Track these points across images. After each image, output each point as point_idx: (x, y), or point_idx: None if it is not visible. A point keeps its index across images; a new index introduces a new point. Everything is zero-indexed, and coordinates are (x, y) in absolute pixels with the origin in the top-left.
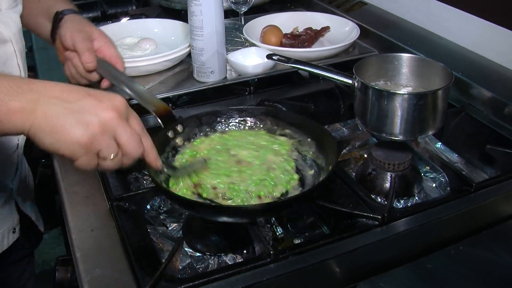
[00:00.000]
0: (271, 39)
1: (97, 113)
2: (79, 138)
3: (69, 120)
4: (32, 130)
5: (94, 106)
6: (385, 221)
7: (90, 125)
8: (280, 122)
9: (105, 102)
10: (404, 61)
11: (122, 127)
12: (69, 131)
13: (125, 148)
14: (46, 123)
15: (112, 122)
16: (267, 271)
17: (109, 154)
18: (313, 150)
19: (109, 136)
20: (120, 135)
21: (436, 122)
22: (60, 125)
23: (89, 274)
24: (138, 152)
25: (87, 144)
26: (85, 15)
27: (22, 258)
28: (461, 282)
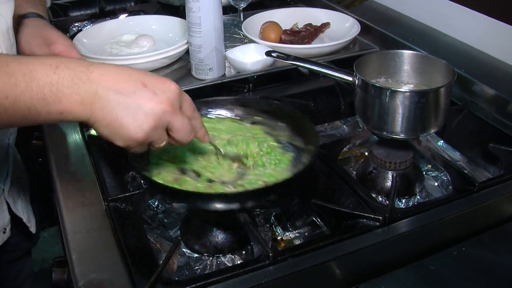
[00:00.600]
0: (270, 35)
1: (152, 108)
2: (134, 135)
3: (125, 117)
4: (91, 121)
5: (149, 100)
6: (386, 222)
7: (145, 122)
8: (250, 110)
9: (160, 95)
10: (406, 58)
11: (174, 119)
12: (125, 127)
13: (176, 136)
14: (104, 117)
15: (166, 115)
16: (266, 274)
17: (160, 143)
18: (287, 133)
19: (161, 129)
20: (172, 126)
21: (438, 120)
22: (116, 121)
23: (84, 277)
24: (187, 139)
25: (142, 139)
26: (83, 12)
27: (18, 258)
28: (464, 284)
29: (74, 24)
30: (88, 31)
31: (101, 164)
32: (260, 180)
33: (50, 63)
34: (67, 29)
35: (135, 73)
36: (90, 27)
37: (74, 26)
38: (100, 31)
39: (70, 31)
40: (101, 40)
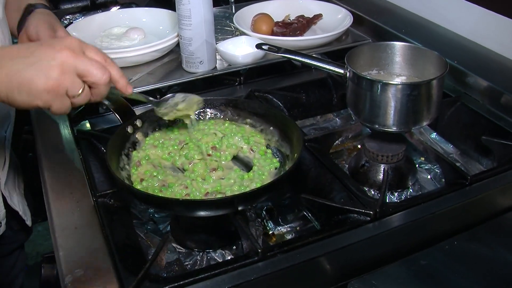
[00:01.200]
0: (262, 27)
1: (52, 56)
2: (45, 85)
3: (30, 72)
4: (4, 93)
5: (49, 52)
6: (377, 217)
7: (50, 70)
8: (241, 112)
9: (57, 45)
10: (398, 49)
11: (79, 60)
12: (34, 81)
13: (89, 77)
14: (12, 82)
15: (68, 59)
16: (254, 270)
17: (76, 90)
18: (276, 139)
19: (70, 74)
20: (79, 68)
21: (431, 112)
22: (24, 79)
23: (71, 274)
24: (103, 77)
25: (54, 87)
26: (74, 5)
27: (12, 251)
28: (456, 278)
29: (65, 16)
30: (78, 24)
31: (90, 159)
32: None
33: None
34: None
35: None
36: (80, 20)
37: (65, 19)
38: (90, 24)
39: (62, 24)
40: (91, 33)
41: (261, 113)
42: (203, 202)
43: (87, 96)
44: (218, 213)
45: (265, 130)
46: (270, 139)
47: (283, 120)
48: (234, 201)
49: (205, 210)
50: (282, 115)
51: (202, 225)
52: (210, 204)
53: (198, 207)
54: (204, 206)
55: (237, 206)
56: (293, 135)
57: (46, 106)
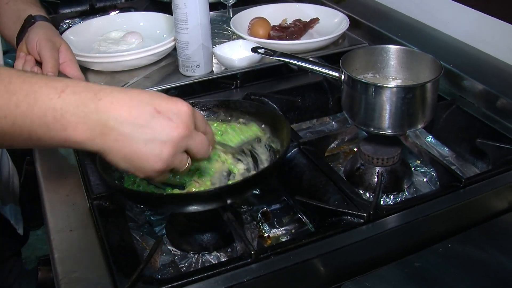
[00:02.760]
0: (258, 31)
1: (168, 135)
2: (154, 166)
3: (142, 148)
4: (104, 153)
5: (165, 128)
6: (370, 219)
7: (164, 152)
8: (234, 112)
9: (175, 120)
10: (393, 53)
11: (192, 141)
12: (144, 159)
13: (197, 155)
14: (119, 150)
15: (183, 140)
16: (248, 272)
17: (182, 167)
18: (268, 135)
19: (181, 153)
20: (190, 147)
21: (426, 115)
22: (133, 153)
23: (66, 276)
24: (207, 155)
25: (162, 169)
26: (73, 9)
27: (7, 258)
28: (450, 280)
29: (64, 21)
30: (75, 29)
31: (86, 162)
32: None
33: (55, 85)
34: (57, 26)
35: (146, 98)
36: (78, 24)
37: (64, 23)
38: (87, 28)
39: (60, 28)
40: (88, 37)
41: (252, 111)
42: (189, 195)
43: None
44: (206, 207)
45: (257, 128)
46: (263, 136)
47: (273, 116)
48: (222, 194)
49: (193, 204)
50: (272, 111)
51: (198, 227)
52: (197, 197)
53: (185, 201)
54: (191, 199)
55: (226, 199)
56: (282, 129)
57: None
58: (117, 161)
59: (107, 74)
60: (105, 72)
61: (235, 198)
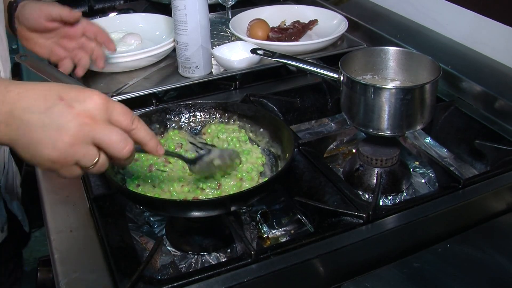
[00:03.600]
0: (257, 33)
1: (66, 122)
2: (49, 155)
3: (40, 135)
4: (11, 143)
5: (63, 115)
6: (370, 219)
7: (58, 140)
8: (231, 114)
9: (76, 106)
10: (391, 54)
11: (97, 131)
12: (41, 147)
13: (109, 150)
14: (19, 139)
15: (84, 129)
16: (248, 272)
17: (88, 162)
18: (267, 140)
19: (83, 145)
20: (98, 139)
21: (424, 116)
22: (32, 141)
23: (66, 277)
24: (124, 151)
25: (59, 159)
26: None
27: (9, 259)
28: (449, 281)
29: None
30: None
31: None
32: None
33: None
34: None
35: (55, 88)
36: None
37: None
38: None
39: None
40: None
41: (250, 115)
42: (195, 202)
43: (103, 165)
44: (211, 213)
45: (255, 131)
46: (261, 140)
47: (272, 121)
48: (227, 202)
49: (197, 211)
50: (271, 116)
51: (197, 228)
52: (203, 204)
53: (190, 208)
54: (196, 206)
55: (230, 207)
56: (283, 135)
57: (52, 171)
58: (20, 152)
59: (106, 75)
60: (104, 73)
61: (239, 206)
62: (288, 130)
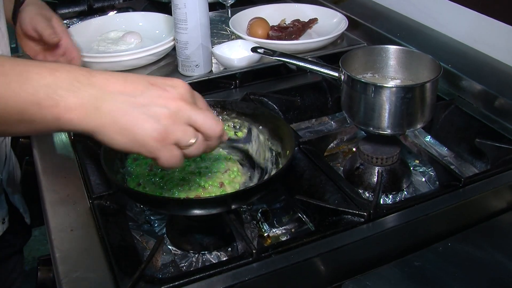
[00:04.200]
0: (257, 31)
1: (165, 103)
2: (152, 133)
3: (138, 116)
4: (98, 130)
5: (161, 97)
6: (371, 218)
7: (161, 117)
8: (230, 112)
9: (170, 90)
10: (392, 53)
11: (193, 111)
12: (140, 127)
13: (204, 129)
14: (114, 122)
15: (182, 109)
16: (249, 271)
17: (188, 140)
18: (266, 137)
19: (183, 124)
20: (194, 119)
21: (425, 115)
22: (129, 122)
23: (67, 276)
24: (218, 128)
25: (162, 136)
26: (71, 10)
27: (10, 256)
28: (450, 280)
29: (63, 21)
30: (74, 28)
31: (86, 161)
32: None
33: (49, 66)
34: None
35: (141, 76)
36: (77, 24)
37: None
38: (86, 28)
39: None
40: (87, 37)
41: (249, 112)
42: (196, 201)
43: (201, 147)
44: (212, 211)
45: (253, 129)
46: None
47: (271, 118)
48: (228, 200)
49: (199, 209)
50: (270, 113)
51: (198, 226)
52: (203, 202)
53: (192, 206)
54: (197, 204)
55: (231, 205)
56: (283, 133)
57: (152, 156)
58: (113, 137)
59: None
60: None
61: (240, 204)
62: (288, 127)
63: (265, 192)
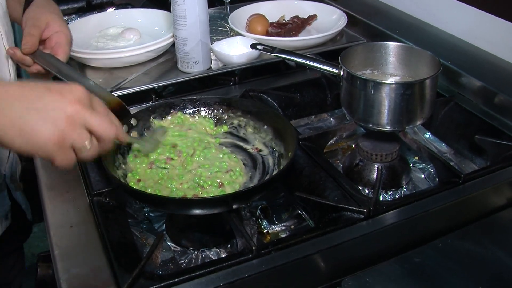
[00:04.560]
0: (256, 28)
1: (62, 107)
2: (50, 136)
3: (35, 120)
4: (5, 138)
5: (57, 101)
6: (370, 215)
7: (57, 121)
8: (235, 110)
9: (67, 95)
10: (391, 49)
11: (89, 115)
12: (38, 130)
13: (99, 132)
14: (13, 127)
15: (79, 113)
16: (249, 267)
17: (82, 143)
18: (270, 137)
19: (78, 127)
20: (90, 122)
21: (424, 112)
22: (27, 127)
23: (66, 272)
24: (112, 132)
25: (59, 140)
26: (70, 6)
27: (11, 252)
28: (449, 276)
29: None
30: (73, 25)
31: None
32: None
33: None
34: None
35: (39, 83)
36: (76, 20)
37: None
38: (85, 24)
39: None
40: (86, 33)
41: (254, 111)
42: (197, 200)
43: (95, 150)
44: (212, 211)
45: (258, 128)
46: (264, 137)
47: (276, 119)
48: (229, 200)
49: (199, 209)
50: (275, 113)
51: (197, 223)
52: (204, 202)
53: (192, 206)
54: (198, 204)
55: (232, 205)
56: (287, 133)
57: (49, 158)
58: (14, 140)
59: (105, 71)
60: (103, 68)
61: (241, 203)
62: (291, 128)
63: (265, 192)
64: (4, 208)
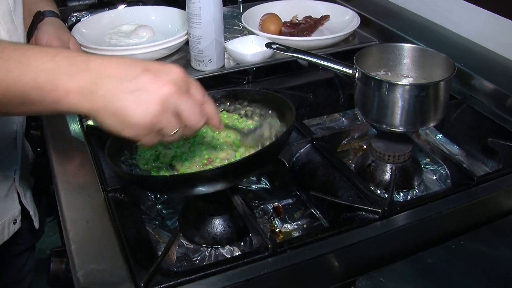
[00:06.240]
0: (270, 27)
1: (156, 90)
2: (141, 120)
3: (129, 102)
4: (93, 112)
5: (152, 83)
6: (385, 215)
7: (150, 106)
8: (242, 100)
9: (163, 77)
10: (406, 51)
11: (182, 101)
12: (130, 113)
13: (187, 121)
14: (106, 106)
15: (172, 97)
16: (265, 265)
17: (170, 131)
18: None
19: (169, 113)
20: (181, 109)
21: (438, 114)
22: (120, 107)
23: (83, 268)
24: (199, 123)
25: (150, 124)
26: (82, 2)
27: (23, 251)
28: (462, 277)
29: (73, 14)
30: (87, 21)
31: (100, 154)
32: None
33: (48, 51)
34: (65, 19)
35: (136, 61)
36: (89, 17)
37: (73, 16)
38: (99, 21)
39: (69, 21)
40: (100, 30)
41: (259, 98)
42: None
43: (177, 136)
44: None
45: (264, 114)
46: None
47: (278, 101)
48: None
49: (200, 185)
50: (278, 96)
51: (211, 221)
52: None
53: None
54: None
55: (232, 179)
56: (288, 113)
57: (136, 138)
58: (105, 120)
59: None
60: None
61: (241, 177)
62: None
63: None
64: (12, 212)
